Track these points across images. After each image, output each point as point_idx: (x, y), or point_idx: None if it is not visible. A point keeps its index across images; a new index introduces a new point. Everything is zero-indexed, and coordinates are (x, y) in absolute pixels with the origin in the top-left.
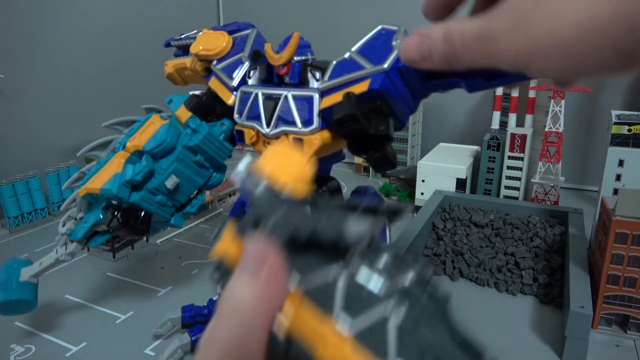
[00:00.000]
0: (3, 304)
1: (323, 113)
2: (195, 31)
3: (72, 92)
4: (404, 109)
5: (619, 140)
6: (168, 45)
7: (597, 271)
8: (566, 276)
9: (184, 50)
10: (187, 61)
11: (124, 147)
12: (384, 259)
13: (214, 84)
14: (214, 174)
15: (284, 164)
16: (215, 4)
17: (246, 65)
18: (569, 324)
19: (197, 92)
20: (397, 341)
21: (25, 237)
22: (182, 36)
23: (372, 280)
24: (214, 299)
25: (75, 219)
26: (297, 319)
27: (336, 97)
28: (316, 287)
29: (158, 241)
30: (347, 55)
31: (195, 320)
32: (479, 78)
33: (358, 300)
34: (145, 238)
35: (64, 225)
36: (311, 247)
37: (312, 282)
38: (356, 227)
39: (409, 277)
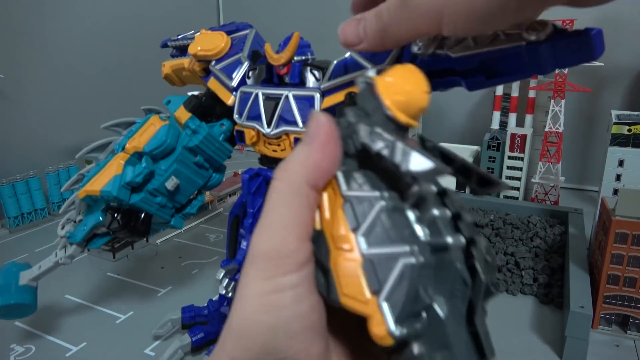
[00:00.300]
0: (2, 308)
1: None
2: (193, 32)
3: (72, 92)
4: None
5: (619, 140)
6: (165, 45)
7: (597, 271)
8: (566, 276)
9: (181, 50)
10: (184, 62)
11: (123, 148)
12: (438, 214)
13: (213, 84)
14: (214, 174)
15: (398, 88)
16: (215, 4)
17: (245, 65)
18: (569, 324)
19: (196, 93)
20: (395, 282)
21: (25, 237)
22: (179, 37)
23: (416, 225)
24: (214, 299)
25: (75, 222)
26: (333, 216)
27: (338, 97)
28: (359, 197)
29: (158, 241)
30: (347, 55)
31: (196, 320)
32: (479, 77)
33: (390, 230)
34: (145, 238)
35: (63, 228)
36: (377, 167)
37: (358, 191)
38: (418, 161)
39: (452, 241)
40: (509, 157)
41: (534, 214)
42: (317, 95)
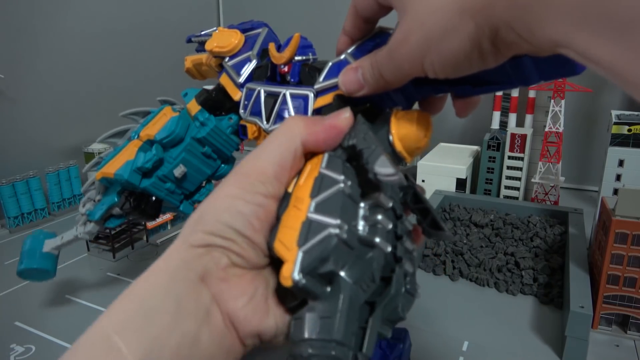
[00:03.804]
0: (25, 271)
1: (316, 113)
2: (214, 28)
3: (72, 92)
4: None
5: (619, 140)
6: (189, 41)
7: (597, 271)
8: (566, 276)
9: (203, 46)
10: (203, 57)
11: (138, 135)
12: (381, 219)
13: (224, 80)
14: (222, 165)
15: (407, 124)
16: (215, 4)
17: (254, 63)
18: (569, 324)
19: (209, 87)
20: (317, 242)
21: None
22: (202, 33)
23: (360, 218)
24: None
25: (94, 201)
26: (305, 183)
27: (327, 99)
28: (330, 176)
29: (158, 241)
30: (342, 56)
31: None
32: (466, 86)
33: (336, 206)
34: (145, 238)
35: (84, 205)
36: (358, 165)
37: (331, 172)
38: (384, 165)
39: (378, 241)
40: (509, 157)
41: (534, 214)
42: (311, 95)
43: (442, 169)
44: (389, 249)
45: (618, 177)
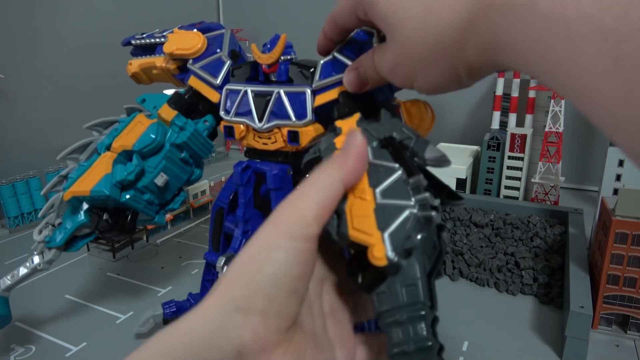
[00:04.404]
0: None
1: (315, 109)
2: (158, 30)
3: (73, 92)
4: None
5: None
6: (128, 43)
7: (597, 271)
8: (566, 276)
9: (143, 49)
10: (156, 60)
11: (108, 148)
12: (428, 196)
13: (195, 82)
14: (195, 169)
15: (415, 114)
16: (215, 4)
17: (228, 64)
18: (569, 324)
19: (172, 91)
20: (400, 224)
21: (25, 237)
22: (145, 35)
23: (413, 198)
24: (194, 293)
25: (53, 225)
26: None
27: (330, 95)
28: (382, 165)
29: (158, 241)
30: (332, 55)
31: (178, 315)
32: None
33: (403, 190)
34: (145, 238)
35: (40, 232)
36: (396, 153)
37: (382, 161)
38: (432, 151)
39: (434, 215)
40: (509, 157)
41: (534, 214)
42: (308, 91)
43: (442, 169)
44: (439, 220)
45: (618, 177)
